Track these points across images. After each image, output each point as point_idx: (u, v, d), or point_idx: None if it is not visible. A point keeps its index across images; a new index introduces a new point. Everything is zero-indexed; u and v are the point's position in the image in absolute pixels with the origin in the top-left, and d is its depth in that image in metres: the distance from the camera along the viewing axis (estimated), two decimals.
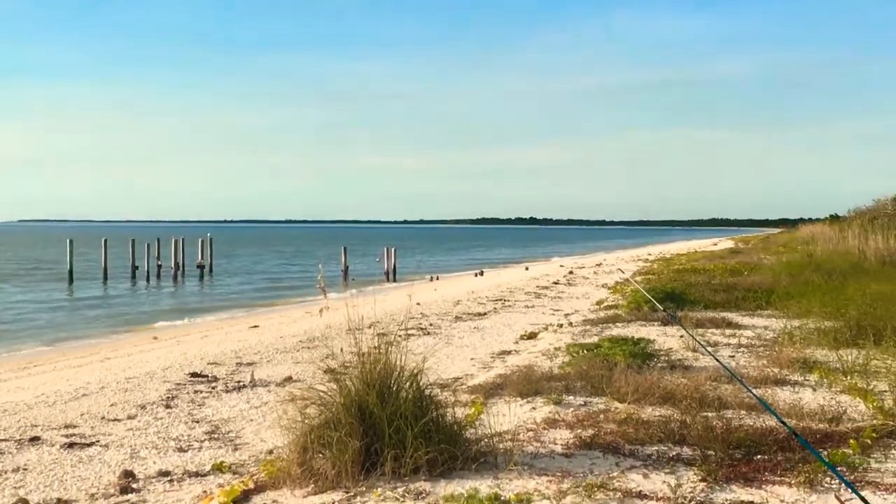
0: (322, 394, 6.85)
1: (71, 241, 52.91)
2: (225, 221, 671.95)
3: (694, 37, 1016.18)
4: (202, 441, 8.73)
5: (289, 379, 12.16)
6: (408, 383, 6.84)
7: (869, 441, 7.09)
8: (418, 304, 24.29)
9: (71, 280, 50.54)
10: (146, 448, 8.51)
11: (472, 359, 13.36)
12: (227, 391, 11.63)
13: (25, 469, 7.83)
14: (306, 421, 6.72)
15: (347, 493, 6.12)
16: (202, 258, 60.71)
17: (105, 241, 54.96)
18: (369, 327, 7.89)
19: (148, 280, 54.11)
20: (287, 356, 14.98)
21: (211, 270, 60.44)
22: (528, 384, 9.78)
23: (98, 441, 8.87)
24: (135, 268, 56.11)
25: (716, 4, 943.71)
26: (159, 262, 58.18)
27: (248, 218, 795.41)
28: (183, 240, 60.31)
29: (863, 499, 4.18)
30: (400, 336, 7.58)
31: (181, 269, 58.12)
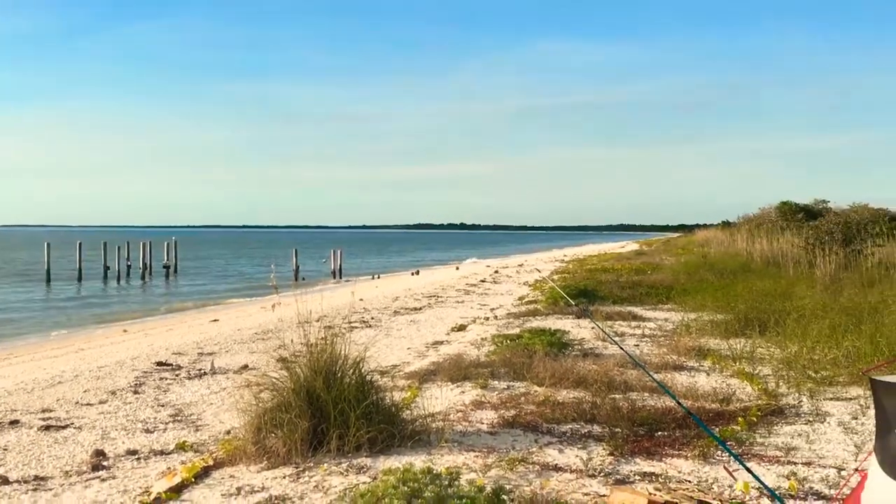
0: (274, 380, 6.81)
1: (48, 245, 51.81)
2: (188, 226, 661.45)
3: (606, 64, 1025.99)
4: (167, 423, 8.58)
5: (245, 367, 12.01)
6: (351, 370, 6.83)
7: (754, 419, 7.23)
8: (361, 300, 24.16)
9: (48, 279, 49.42)
10: (116, 430, 8.34)
11: (408, 348, 13.31)
12: (189, 378, 11.45)
13: (5, 449, 7.63)
14: (260, 404, 6.68)
15: (297, 468, 6.09)
16: (168, 259, 59.78)
17: (80, 244, 53.88)
18: (317, 321, 7.83)
19: (118, 279, 53.15)
20: (244, 347, 14.79)
21: (176, 270, 59.51)
22: (458, 370, 9.79)
23: (72, 424, 8.67)
24: (106, 268, 55.09)
25: (625, 35, 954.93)
26: (129, 263, 57.29)
27: (209, 223, 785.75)
28: (150, 242, 59.51)
29: (748, 469, 4.24)
30: (344, 328, 7.56)
31: (149, 269, 57.26)
